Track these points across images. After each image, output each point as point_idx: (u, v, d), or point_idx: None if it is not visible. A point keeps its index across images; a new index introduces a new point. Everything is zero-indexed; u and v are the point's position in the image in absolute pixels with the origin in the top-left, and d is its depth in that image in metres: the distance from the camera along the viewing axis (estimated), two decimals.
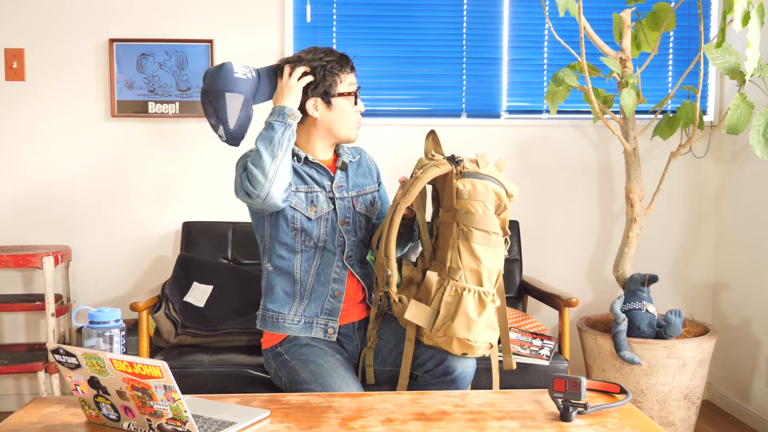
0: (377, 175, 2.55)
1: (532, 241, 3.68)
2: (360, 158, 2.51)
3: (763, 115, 2.89)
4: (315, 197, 2.34)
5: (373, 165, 2.56)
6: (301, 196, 2.33)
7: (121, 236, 3.60)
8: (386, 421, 1.73)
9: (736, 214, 3.60)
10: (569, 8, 2.97)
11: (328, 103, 2.31)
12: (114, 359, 1.52)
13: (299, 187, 2.33)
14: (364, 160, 2.52)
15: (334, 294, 2.33)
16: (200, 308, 3.03)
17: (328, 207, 2.34)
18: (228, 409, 1.75)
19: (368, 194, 2.44)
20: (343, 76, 2.31)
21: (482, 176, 2.11)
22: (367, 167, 2.52)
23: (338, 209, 2.36)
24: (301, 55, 2.33)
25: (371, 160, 2.56)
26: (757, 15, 2.79)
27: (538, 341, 2.87)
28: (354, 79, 2.36)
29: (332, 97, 2.31)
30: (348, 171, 2.42)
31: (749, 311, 3.48)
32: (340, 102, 2.32)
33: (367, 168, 2.51)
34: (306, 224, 2.32)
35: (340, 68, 2.29)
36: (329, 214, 2.34)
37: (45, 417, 1.75)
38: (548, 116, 3.68)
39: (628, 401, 1.88)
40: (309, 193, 2.34)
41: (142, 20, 3.54)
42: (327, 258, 2.34)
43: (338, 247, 2.34)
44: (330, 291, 2.33)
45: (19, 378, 3.63)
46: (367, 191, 2.45)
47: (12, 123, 3.54)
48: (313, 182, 2.35)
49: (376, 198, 2.48)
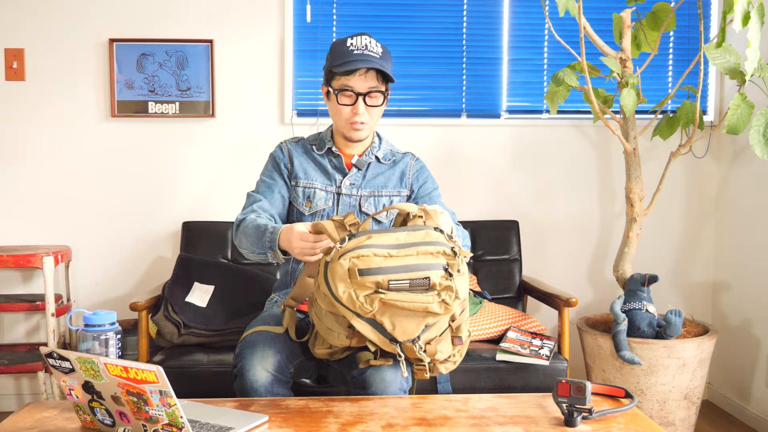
0: (416, 184, 2.43)
1: (532, 241, 3.68)
2: (396, 161, 2.44)
3: (763, 115, 2.88)
4: (312, 193, 2.34)
5: (413, 172, 2.44)
6: (299, 191, 2.34)
7: (121, 236, 3.60)
8: (387, 426, 1.73)
9: (736, 214, 3.60)
10: (569, 8, 2.97)
11: (328, 95, 2.34)
12: (108, 364, 1.51)
13: (299, 181, 2.34)
14: (401, 165, 2.44)
15: None
16: (202, 308, 3.04)
17: (326, 203, 2.34)
18: (225, 413, 1.75)
19: (384, 197, 2.40)
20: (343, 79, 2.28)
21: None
22: (401, 172, 2.43)
23: (341, 206, 2.35)
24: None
25: (412, 167, 2.45)
26: (757, 15, 2.78)
27: (537, 341, 2.87)
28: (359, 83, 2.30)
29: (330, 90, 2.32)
30: (367, 170, 2.40)
31: (749, 311, 3.48)
32: (333, 97, 2.32)
33: (400, 173, 2.42)
34: (300, 219, 2.33)
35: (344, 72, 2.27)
36: (327, 211, 2.34)
37: (39, 422, 1.75)
38: (548, 116, 3.67)
39: (634, 406, 1.87)
40: (307, 188, 2.34)
41: (142, 20, 3.54)
42: None
43: None
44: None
45: (19, 378, 3.63)
46: (384, 194, 2.40)
47: (12, 123, 3.54)
48: (320, 175, 2.36)
49: (395, 203, 2.40)
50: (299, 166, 2.38)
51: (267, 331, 2.14)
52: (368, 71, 2.27)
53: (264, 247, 2.12)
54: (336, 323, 1.92)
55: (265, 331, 2.14)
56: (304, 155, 2.41)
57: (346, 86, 2.27)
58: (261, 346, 2.09)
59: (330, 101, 2.34)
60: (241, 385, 2.07)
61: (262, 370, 2.06)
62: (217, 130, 3.60)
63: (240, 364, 2.09)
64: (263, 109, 3.62)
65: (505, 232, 3.47)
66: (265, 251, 2.12)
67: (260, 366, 2.06)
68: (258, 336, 2.13)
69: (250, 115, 3.61)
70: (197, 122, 3.59)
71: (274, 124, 3.62)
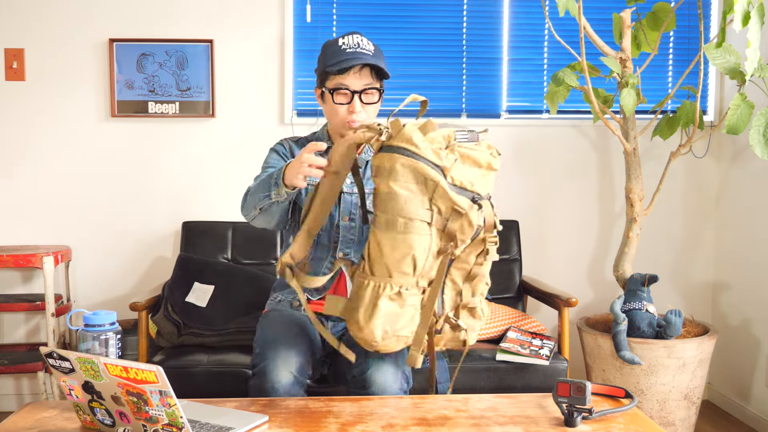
0: None
1: (531, 241, 3.68)
2: None
3: (763, 115, 2.88)
4: None
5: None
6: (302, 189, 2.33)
7: (121, 236, 3.60)
8: (387, 426, 1.72)
9: (736, 214, 3.60)
10: (569, 8, 2.97)
11: (323, 95, 2.32)
12: (108, 364, 1.51)
13: None
14: None
15: (318, 288, 2.31)
16: (202, 308, 3.04)
17: None
18: (225, 413, 1.74)
19: None
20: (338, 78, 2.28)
21: (392, 149, 1.77)
22: None
23: (342, 205, 2.34)
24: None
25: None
26: (757, 15, 2.78)
27: (537, 341, 2.87)
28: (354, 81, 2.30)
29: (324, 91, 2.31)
30: (366, 168, 2.37)
31: (749, 311, 3.48)
32: (328, 97, 2.31)
33: None
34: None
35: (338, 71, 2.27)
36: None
37: (39, 422, 1.74)
38: (548, 116, 3.67)
39: (634, 406, 1.87)
40: (310, 186, 2.33)
41: (142, 20, 3.54)
42: (321, 252, 2.32)
43: (333, 243, 2.32)
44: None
45: (19, 378, 3.63)
46: None
47: (12, 123, 3.54)
48: None
49: None
50: None
51: (287, 332, 2.13)
52: (362, 68, 2.26)
53: (268, 188, 2.06)
54: (410, 203, 1.77)
55: (286, 331, 2.13)
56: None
57: (341, 85, 2.26)
58: (284, 347, 2.09)
59: (325, 102, 2.33)
60: (260, 384, 2.05)
61: (285, 372, 2.05)
62: (217, 130, 3.60)
63: (263, 364, 2.07)
64: (263, 109, 3.62)
65: (505, 232, 3.47)
66: (269, 191, 2.05)
67: (284, 367, 2.05)
68: (279, 336, 2.12)
69: (250, 115, 3.61)
70: (197, 122, 3.59)
71: (274, 124, 3.62)
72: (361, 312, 1.78)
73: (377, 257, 1.79)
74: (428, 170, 1.74)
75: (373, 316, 1.78)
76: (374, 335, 1.78)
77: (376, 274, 1.80)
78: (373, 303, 1.78)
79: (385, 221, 1.77)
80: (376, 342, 1.79)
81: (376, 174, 1.79)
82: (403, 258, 1.78)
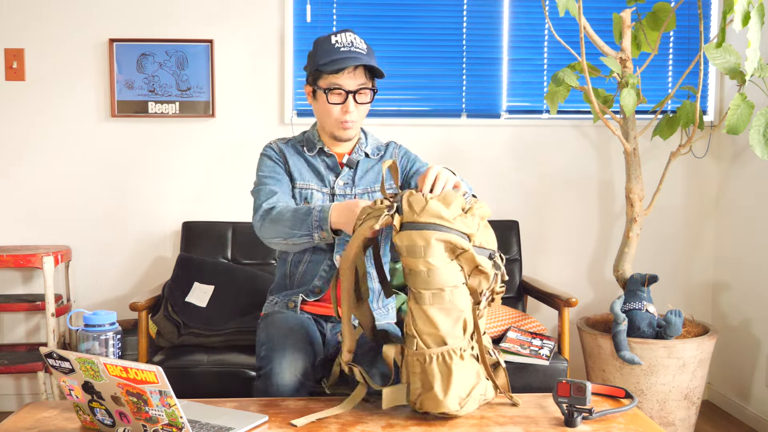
0: (405, 167, 2.42)
1: (532, 241, 3.68)
2: (383, 154, 2.43)
3: (763, 115, 2.88)
4: (309, 194, 2.31)
5: (399, 159, 2.43)
6: (295, 192, 2.31)
7: (121, 236, 3.60)
8: (387, 426, 1.72)
9: (736, 214, 3.60)
10: (569, 8, 2.97)
11: (314, 94, 2.31)
12: (108, 364, 1.51)
13: (296, 182, 2.32)
14: (388, 156, 2.43)
15: (314, 291, 2.31)
16: (202, 308, 3.04)
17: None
18: (225, 413, 1.74)
19: (377, 192, 2.37)
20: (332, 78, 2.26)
21: (421, 225, 1.76)
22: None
23: None
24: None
25: (397, 155, 2.43)
26: (757, 15, 2.78)
27: (537, 341, 2.87)
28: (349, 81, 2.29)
29: (317, 89, 2.29)
30: (358, 168, 2.38)
31: (749, 311, 3.48)
32: (321, 96, 2.29)
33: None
34: None
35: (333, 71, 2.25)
36: None
37: (39, 422, 1.74)
38: (548, 116, 3.67)
39: (634, 406, 1.87)
40: (303, 189, 2.31)
41: (142, 20, 3.54)
42: (317, 256, 2.31)
43: (328, 246, 2.32)
44: (311, 287, 2.32)
45: (19, 378, 3.63)
46: (377, 189, 2.37)
47: (12, 123, 3.54)
48: (314, 177, 2.34)
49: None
50: (294, 167, 2.34)
51: (292, 334, 2.13)
52: (357, 68, 2.24)
53: (310, 228, 2.06)
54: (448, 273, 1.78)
55: (291, 334, 2.13)
56: (296, 156, 2.37)
57: (335, 84, 2.24)
58: (291, 350, 2.08)
59: (317, 101, 2.31)
60: (265, 386, 2.05)
61: (291, 375, 2.04)
62: (217, 130, 3.60)
63: (269, 367, 2.06)
64: (263, 109, 3.62)
65: (505, 232, 3.47)
66: (311, 231, 2.07)
67: (290, 371, 2.04)
68: (287, 339, 2.12)
69: (250, 115, 3.61)
70: (197, 122, 3.59)
71: (274, 124, 3.61)
72: (437, 387, 1.76)
73: (430, 331, 1.78)
74: (460, 241, 1.75)
75: (449, 386, 1.76)
76: (455, 405, 1.77)
77: (432, 346, 1.78)
78: (447, 374, 1.77)
79: (431, 296, 1.78)
80: (458, 410, 1.78)
81: (408, 254, 1.77)
82: (456, 323, 1.79)
